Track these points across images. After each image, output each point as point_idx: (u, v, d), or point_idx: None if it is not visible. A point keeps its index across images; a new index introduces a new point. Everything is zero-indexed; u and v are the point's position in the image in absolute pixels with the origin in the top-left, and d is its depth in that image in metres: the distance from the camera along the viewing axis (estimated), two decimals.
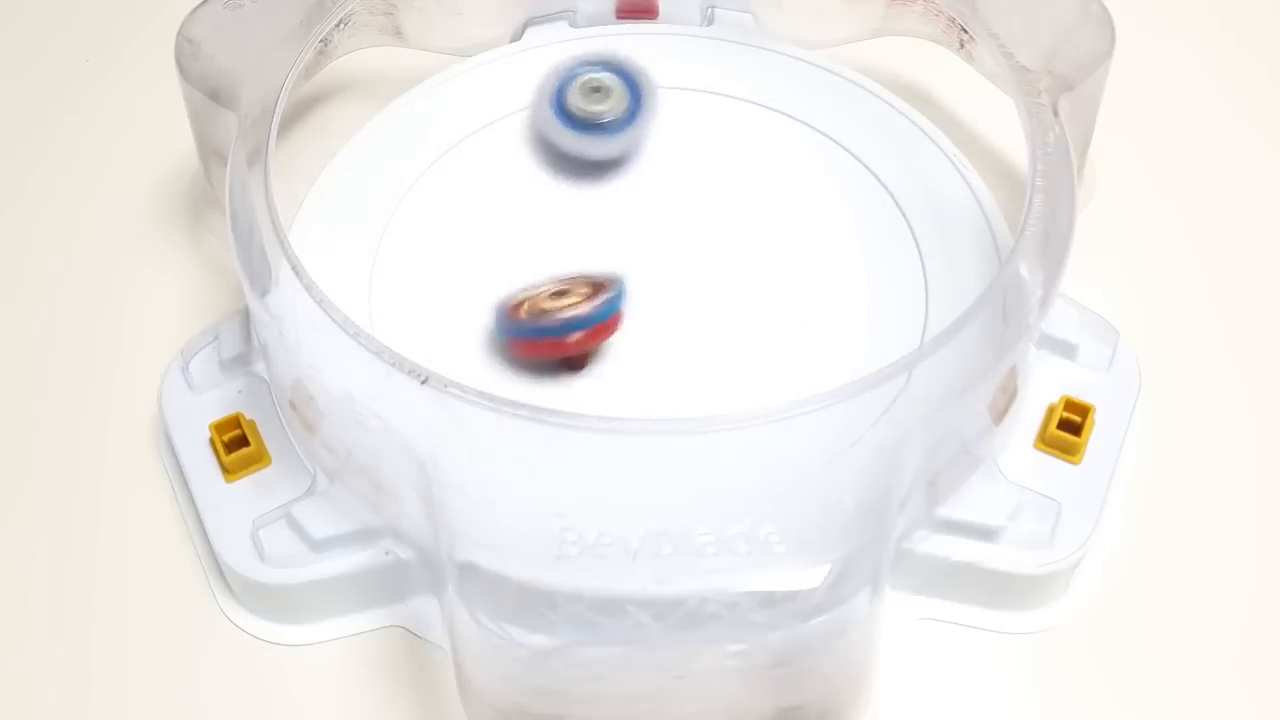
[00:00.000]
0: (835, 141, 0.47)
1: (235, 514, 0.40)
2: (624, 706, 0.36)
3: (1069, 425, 0.41)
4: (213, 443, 0.41)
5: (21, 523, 0.42)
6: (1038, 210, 0.40)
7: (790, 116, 0.47)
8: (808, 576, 0.35)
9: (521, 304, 0.42)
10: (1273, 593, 0.41)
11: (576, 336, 0.41)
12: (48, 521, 0.42)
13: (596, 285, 0.42)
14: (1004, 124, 0.45)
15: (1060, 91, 0.42)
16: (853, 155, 0.46)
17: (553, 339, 0.41)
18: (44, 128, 0.51)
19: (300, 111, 0.49)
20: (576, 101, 0.45)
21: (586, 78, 0.46)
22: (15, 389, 0.45)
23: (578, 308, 0.41)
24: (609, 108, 0.45)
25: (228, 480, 0.41)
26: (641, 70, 0.46)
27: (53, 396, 0.45)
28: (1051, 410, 0.41)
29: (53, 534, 0.42)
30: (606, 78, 0.46)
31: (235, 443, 0.41)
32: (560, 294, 0.42)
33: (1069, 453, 0.41)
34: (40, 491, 0.43)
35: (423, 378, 0.36)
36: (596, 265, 0.43)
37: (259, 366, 0.42)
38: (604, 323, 0.41)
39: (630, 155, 0.46)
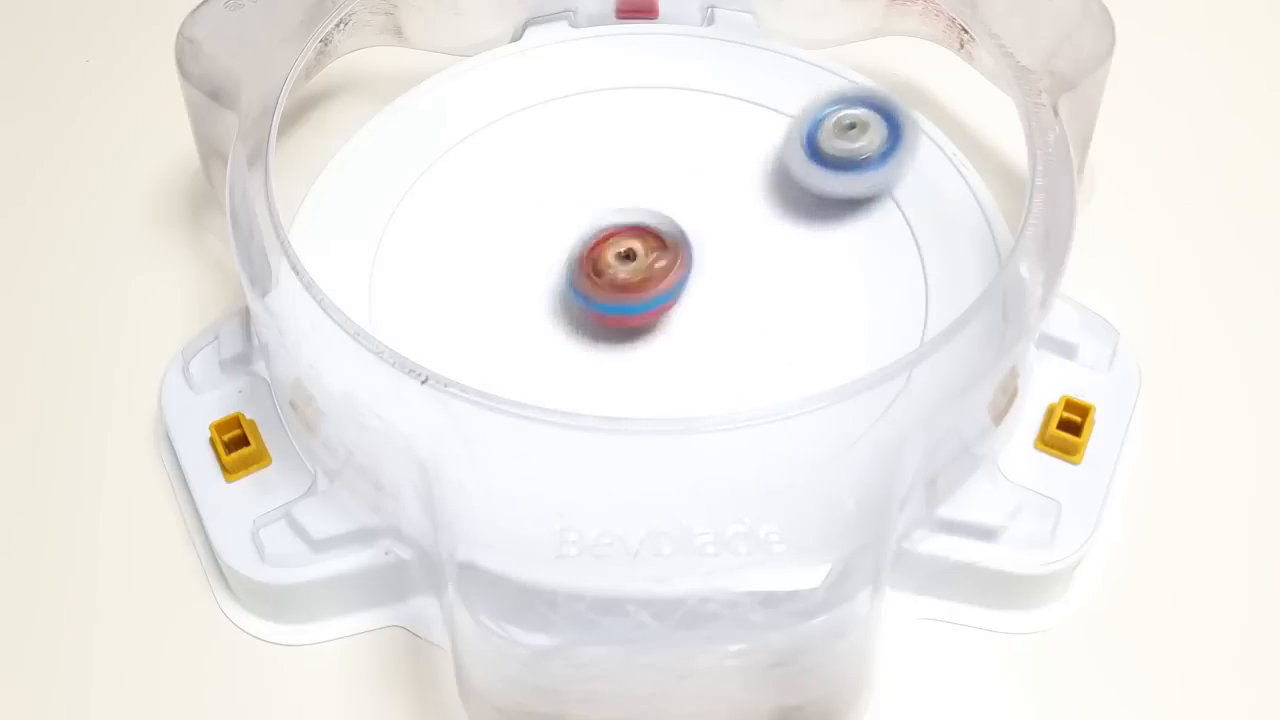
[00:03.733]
0: None
1: (235, 514, 0.40)
2: (624, 706, 0.36)
3: (1069, 425, 0.41)
4: (213, 443, 0.41)
5: (22, 523, 0.42)
6: (1038, 210, 0.40)
7: (790, 116, 0.47)
8: (808, 576, 0.35)
9: (591, 261, 0.42)
10: (1273, 593, 0.41)
11: (652, 314, 0.42)
12: (48, 521, 0.42)
13: (665, 245, 0.42)
14: (1004, 124, 0.45)
15: (1060, 91, 0.43)
16: None
17: (628, 317, 0.42)
18: (45, 128, 0.51)
19: (300, 111, 0.49)
20: (830, 141, 0.44)
21: (840, 114, 0.44)
22: (15, 389, 0.45)
23: (655, 285, 0.41)
24: (865, 144, 0.44)
25: (228, 480, 0.41)
26: (896, 103, 0.45)
27: (53, 396, 0.45)
28: (1051, 410, 0.41)
29: (53, 534, 0.42)
30: (861, 113, 0.44)
31: (235, 443, 0.41)
32: (627, 255, 0.42)
33: (1069, 453, 0.41)
34: (41, 492, 0.43)
35: (423, 378, 0.36)
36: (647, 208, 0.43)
37: (259, 366, 0.42)
38: (677, 299, 0.42)
39: (887, 189, 0.45)
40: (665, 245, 0.42)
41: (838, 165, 0.44)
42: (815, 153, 0.44)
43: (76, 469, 0.43)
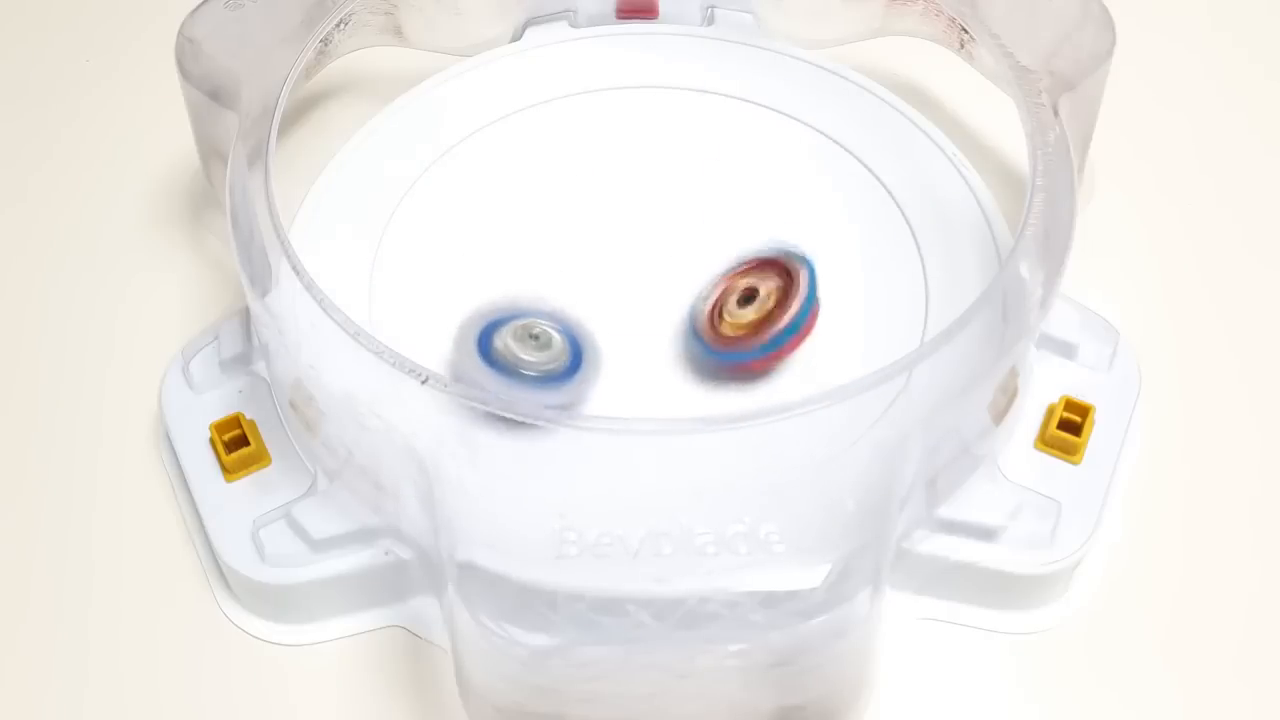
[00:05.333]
0: (835, 141, 0.47)
1: (235, 514, 0.40)
2: (624, 706, 0.36)
3: (1069, 425, 0.41)
4: (213, 443, 0.41)
5: (22, 523, 0.42)
6: (1038, 210, 0.40)
7: (790, 116, 0.47)
8: (808, 576, 0.35)
9: (716, 315, 0.41)
10: (1273, 592, 0.41)
11: (786, 346, 0.40)
12: (48, 521, 0.42)
13: (782, 272, 0.41)
14: (1004, 124, 0.45)
15: (1060, 91, 0.43)
16: (853, 155, 0.46)
17: (764, 357, 0.40)
18: (45, 128, 0.51)
19: (300, 111, 0.49)
20: (506, 343, 0.40)
21: (523, 323, 0.41)
22: (15, 389, 0.45)
23: (781, 318, 0.40)
24: (545, 359, 0.40)
25: (228, 480, 0.41)
26: (580, 323, 0.41)
27: (53, 396, 0.45)
28: (1051, 410, 0.41)
29: (53, 534, 0.42)
30: (547, 328, 0.41)
31: (235, 443, 0.41)
32: (748, 297, 0.41)
33: (1069, 453, 0.41)
34: (40, 491, 0.43)
35: (423, 378, 0.36)
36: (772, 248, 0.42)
37: (259, 366, 0.42)
38: (809, 321, 0.41)
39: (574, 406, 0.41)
40: (785, 275, 0.41)
41: (509, 373, 0.40)
42: (488, 354, 0.40)
43: (76, 469, 0.43)
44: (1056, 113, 0.42)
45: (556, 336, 0.40)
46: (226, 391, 0.42)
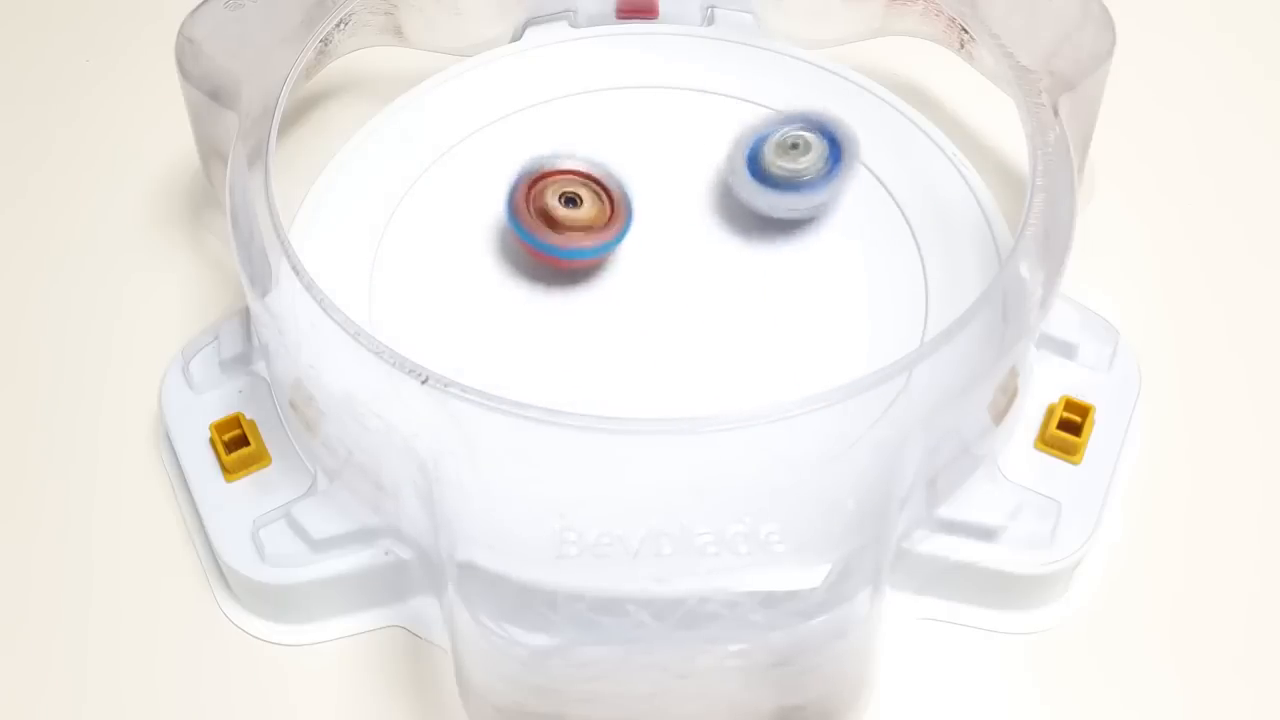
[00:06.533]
0: None
1: (235, 514, 0.40)
2: (624, 706, 0.36)
3: (1069, 425, 0.41)
4: (213, 443, 0.41)
5: (21, 523, 0.42)
6: (1038, 210, 0.40)
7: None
8: (808, 576, 0.35)
9: (533, 190, 0.42)
10: (1273, 592, 0.41)
11: (575, 262, 0.43)
12: (48, 522, 0.42)
13: (609, 202, 0.43)
14: (1004, 124, 0.45)
15: (1060, 91, 0.43)
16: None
17: (551, 256, 0.43)
18: (45, 128, 0.51)
19: (300, 111, 0.49)
20: (774, 160, 0.43)
21: (783, 135, 0.44)
22: (15, 389, 0.45)
23: (586, 237, 0.42)
24: (808, 164, 0.43)
25: (228, 480, 0.41)
26: (840, 123, 0.44)
27: (53, 396, 0.45)
28: (1051, 410, 0.41)
29: (53, 534, 0.42)
30: (805, 134, 0.44)
31: (235, 442, 0.41)
32: (572, 199, 0.42)
33: (1069, 453, 0.41)
34: (40, 492, 0.43)
35: (423, 378, 0.36)
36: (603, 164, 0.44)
37: (259, 366, 0.42)
38: (605, 255, 0.43)
39: (827, 210, 0.45)
40: (609, 196, 0.43)
41: (781, 185, 0.44)
42: (758, 172, 0.44)
43: (76, 469, 0.43)
44: (1056, 113, 0.42)
45: (812, 138, 0.44)
46: (226, 391, 0.42)
